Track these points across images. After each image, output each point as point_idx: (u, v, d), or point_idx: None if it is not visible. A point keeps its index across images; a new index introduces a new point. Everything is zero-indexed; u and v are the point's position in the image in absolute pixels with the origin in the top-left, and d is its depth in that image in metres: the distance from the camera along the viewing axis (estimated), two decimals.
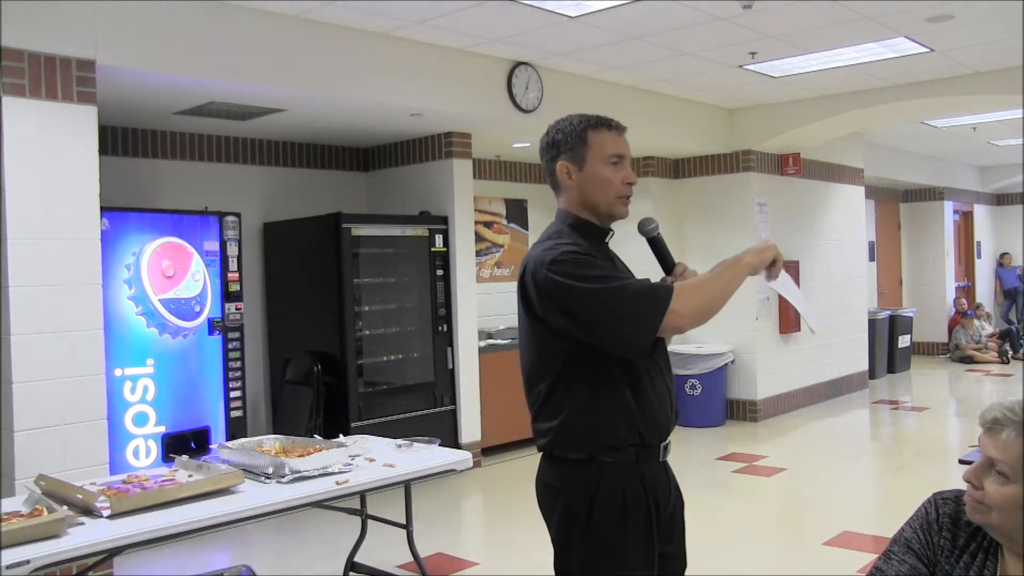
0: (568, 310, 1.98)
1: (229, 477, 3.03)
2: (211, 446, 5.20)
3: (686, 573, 2.27)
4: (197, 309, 5.30)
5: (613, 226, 2.22)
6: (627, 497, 2.03)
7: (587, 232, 2.14)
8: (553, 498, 2.09)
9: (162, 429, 5.11)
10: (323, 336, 6.15)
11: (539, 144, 2.23)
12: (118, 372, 4.92)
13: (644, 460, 2.07)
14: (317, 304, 6.22)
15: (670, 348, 2.57)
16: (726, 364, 8.16)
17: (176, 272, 5.19)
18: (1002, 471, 1.57)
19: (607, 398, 2.03)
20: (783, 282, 2.18)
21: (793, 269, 8.62)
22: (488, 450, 6.93)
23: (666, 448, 2.14)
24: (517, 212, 8.40)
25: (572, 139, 2.13)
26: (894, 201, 13.41)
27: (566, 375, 2.05)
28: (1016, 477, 1.56)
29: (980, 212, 14.65)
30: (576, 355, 2.03)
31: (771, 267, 2.11)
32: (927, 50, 6.23)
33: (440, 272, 6.60)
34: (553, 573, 2.14)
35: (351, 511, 3.96)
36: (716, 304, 2.01)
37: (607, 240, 2.21)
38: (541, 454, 2.16)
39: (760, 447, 7.21)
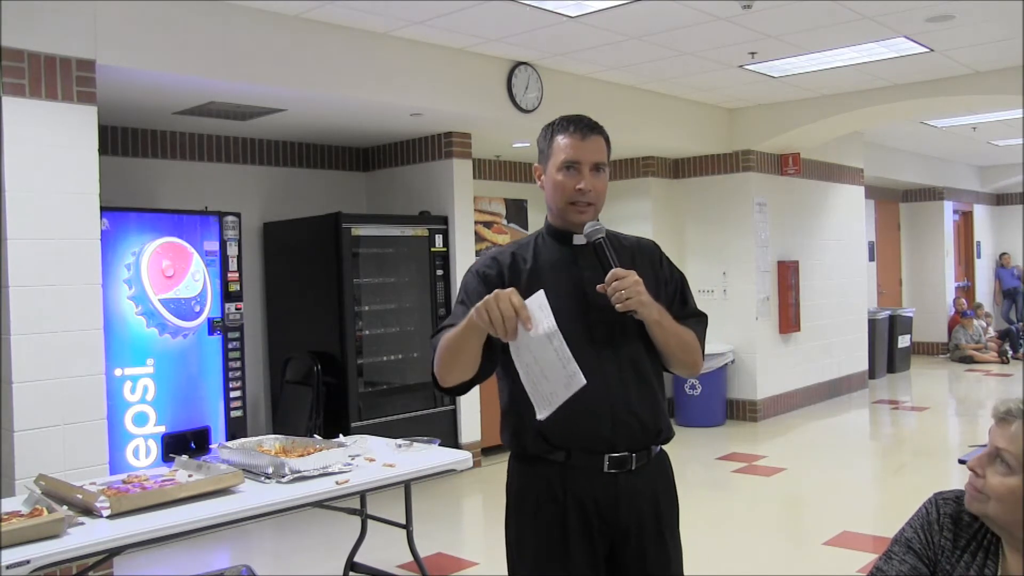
0: None
1: (229, 477, 3.03)
2: (211, 446, 5.19)
3: (685, 573, 2.24)
4: (197, 309, 5.30)
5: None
6: (538, 492, 2.07)
7: (556, 236, 2.16)
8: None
9: (162, 429, 5.11)
10: (323, 336, 6.15)
11: None
12: (118, 372, 4.92)
13: (576, 465, 2.04)
14: (317, 304, 6.22)
15: None
16: (726, 364, 8.16)
17: (176, 272, 5.19)
18: (1006, 460, 1.58)
19: (510, 406, 2.11)
20: (520, 338, 1.81)
21: (793, 269, 8.63)
22: (488, 450, 6.92)
23: (616, 461, 2.04)
24: (517, 212, 8.40)
25: (544, 142, 2.15)
26: (894, 201, 13.41)
27: (499, 382, 2.17)
28: (1019, 468, 1.56)
29: (980, 212, 14.65)
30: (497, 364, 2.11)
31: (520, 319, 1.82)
32: (927, 50, 6.23)
33: (440, 272, 6.60)
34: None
35: (351, 511, 3.96)
36: (450, 367, 1.98)
37: (578, 243, 2.12)
38: None
39: (760, 447, 7.21)
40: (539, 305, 1.81)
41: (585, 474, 2.04)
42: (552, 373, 1.83)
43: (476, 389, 6.83)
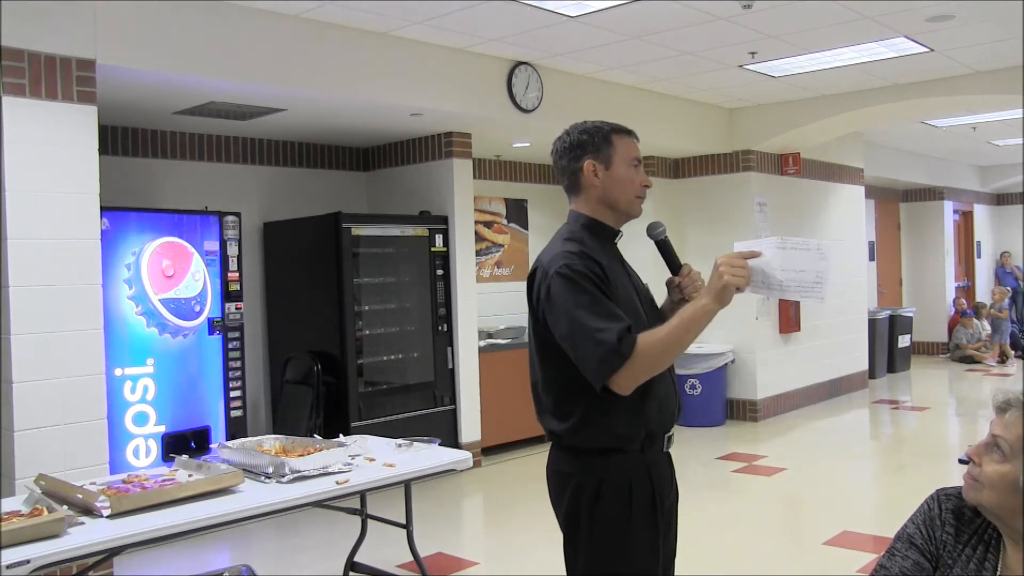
0: (553, 323, 2.09)
1: (229, 477, 3.03)
2: (211, 446, 5.20)
3: (687, 573, 2.28)
4: (197, 309, 5.30)
5: (623, 228, 2.33)
6: (633, 487, 2.11)
7: (599, 233, 2.24)
8: (563, 484, 2.17)
9: (162, 429, 5.11)
10: (323, 336, 6.15)
11: (555, 146, 2.29)
12: (118, 372, 4.92)
13: (649, 450, 2.15)
14: (317, 304, 6.22)
15: None
16: (726, 364, 8.15)
17: (176, 272, 5.19)
18: (1001, 448, 1.60)
19: (614, 400, 2.06)
20: (760, 283, 2.03)
21: None
22: (488, 450, 6.93)
23: (670, 439, 2.22)
24: (517, 212, 8.40)
25: (598, 140, 2.24)
26: (894, 201, 13.41)
27: (574, 380, 2.08)
28: (1013, 456, 1.59)
29: (980, 212, 14.65)
30: None
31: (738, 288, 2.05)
32: (927, 50, 6.23)
33: (440, 272, 6.60)
34: (553, 573, 2.16)
35: (351, 511, 3.96)
36: (670, 359, 2.09)
37: (616, 241, 2.30)
38: (551, 443, 2.23)
39: (760, 447, 7.21)
40: (737, 247, 2.06)
41: (658, 456, 2.19)
42: (804, 262, 1.97)
43: (476, 389, 6.91)
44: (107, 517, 2.71)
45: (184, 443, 5.11)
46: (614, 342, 1.97)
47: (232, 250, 5.48)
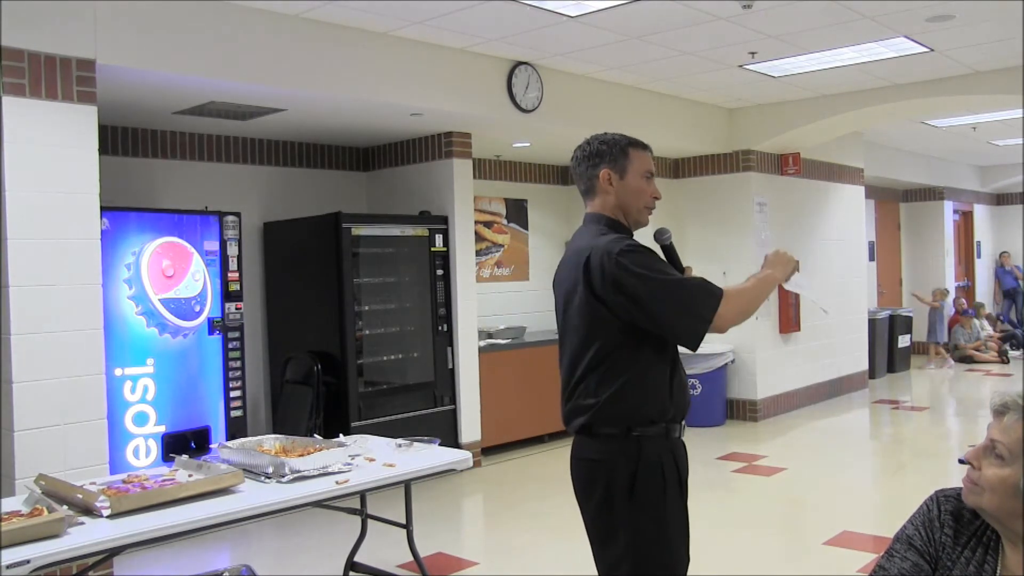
0: (636, 296, 2.23)
1: (229, 477, 3.03)
2: (211, 446, 5.20)
3: (687, 572, 2.37)
4: (197, 309, 5.30)
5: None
6: (664, 466, 2.29)
7: (620, 231, 2.41)
8: (593, 471, 2.31)
9: (162, 429, 5.11)
10: (323, 336, 6.15)
11: (575, 153, 2.48)
12: (118, 372, 4.92)
13: (672, 433, 2.33)
14: (317, 304, 6.22)
15: None
16: (726, 364, 8.16)
17: (176, 272, 5.19)
18: (1000, 453, 1.60)
19: (650, 376, 2.29)
20: (796, 282, 2.50)
21: (793, 269, 8.61)
22: (488, 450, 6.93)
23: (684, 427, 2.41)
24: (517, 212, 8.40)
25: (615, 152, 2.42)
26: (894, 201, 13.41)
27: (614, 354, 2.28)
28: (1012, 460, 1.58)
29: (980, 212, 14.66)
30: (626, 336, 2.27)
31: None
32: (927, 50, 6.23)
33: (440, 272, 6.60)
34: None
35: (351, 511, 3.96)
36: (751, 311, 2.38)
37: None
38: (576, 434, 2.37)
39: (760, 447, 7.21)
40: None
41: (678, 442, 2.38)
42: (813, 291, 2.60)
43: (476, 389, 6.90)
44: (107, 517, 2.71)
45: (184, 443, 5.11)
46: (707, 283, 2.27)
47: (232, 250, 5.48)
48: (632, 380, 2.27)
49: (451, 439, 6.49)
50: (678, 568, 2.30)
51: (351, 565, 4.06)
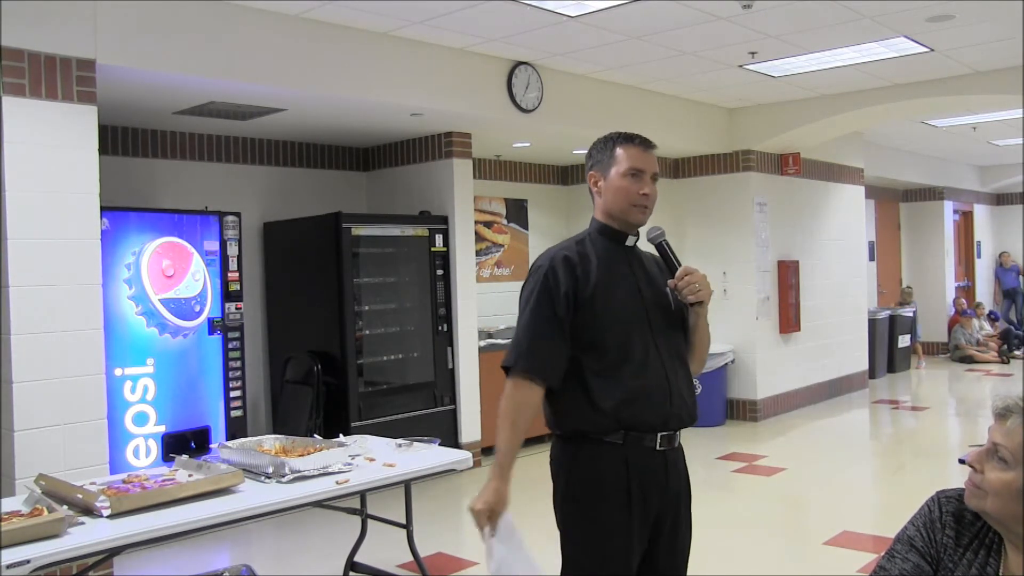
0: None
1: (229, 477, 3.03)
2: (211, 446, 5.20)
3: (687, 573, 2.31)
4: (197, 309, 5.30)
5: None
6: (604, 478, 2.19)
7: (609, 236, 2.38)
8: (552, 467, 2.32)
9: (162, 429, 5.11)
10: (323, 336, 6.15)
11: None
12: (118, 372, 4.92)
13: (632, 445, 2.20)
14: (317, 304, 6.22)
15: None
16: (726, 364, 8.15)
17: (176, 272, 5.19)
18: (1003, 456, 1.59)
19: (582, 389, 2.21)
20: (492, 545, 2.23)
21: (793, 269, 8.63)
22: (488, 450, 6.92)
23: (665, 438, 2.25)
24: (517, 212, 8.40)
25: (602, 152, 2.39)
26: (894, 201, 13.41)
27: (568, 362, 2.24)
28: (1015, 464, 1.58)
29: (980, 212, 14.65)
30: (571, 347, 2.24)
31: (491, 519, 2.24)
32: (927, 50, 6.23)
33: (440, 272, 6.60)
34: (553, 573, 2.19)
35: (351, 511, 3.96)
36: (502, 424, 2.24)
37: (629, 244, 2.41)
38: None
39: (760, 447, 7.21)
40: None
41: (644, 453, 2.22)
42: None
43: (476, 389, 6.89)
44: (107, 517, 2.71)
45: (184, 443, 5.11)
46: (534, 341, 2.22)
47: (232, 250, 5.48)
48: (568, 394, 2.23)
49: (451, 439, 6.49)
50: None
51: (351, 565, 4.06)
